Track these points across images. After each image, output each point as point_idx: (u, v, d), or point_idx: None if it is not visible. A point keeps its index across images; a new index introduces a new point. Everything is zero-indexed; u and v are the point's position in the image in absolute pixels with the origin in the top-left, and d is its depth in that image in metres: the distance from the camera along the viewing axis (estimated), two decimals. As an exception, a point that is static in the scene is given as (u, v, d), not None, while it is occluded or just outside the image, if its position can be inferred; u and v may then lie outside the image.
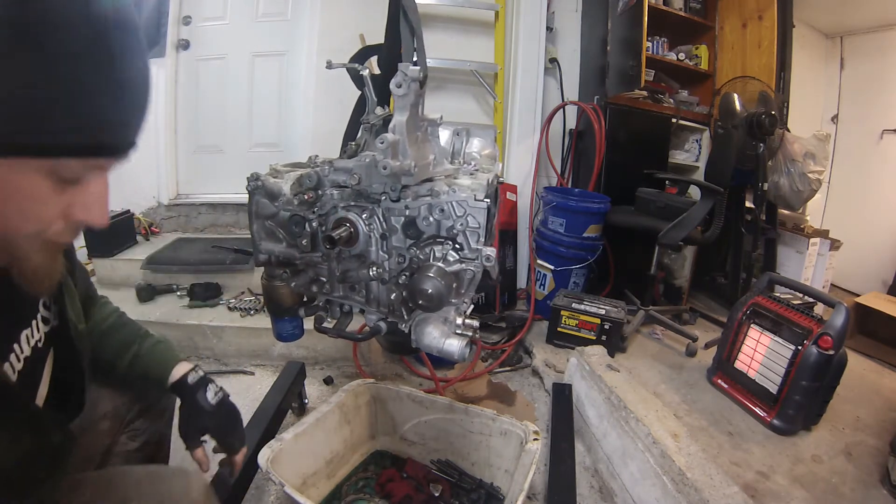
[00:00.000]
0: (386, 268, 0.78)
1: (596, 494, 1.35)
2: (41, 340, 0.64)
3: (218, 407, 0.83)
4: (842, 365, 1.36)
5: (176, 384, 0.83)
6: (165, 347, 0.87)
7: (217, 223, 2.79)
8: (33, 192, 0.43)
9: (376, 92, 1.03)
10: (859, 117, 3.07)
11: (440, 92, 2.55)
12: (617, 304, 1.95)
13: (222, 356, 1.94)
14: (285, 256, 0.85)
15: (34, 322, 0.63)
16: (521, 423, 1.23)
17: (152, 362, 0.84)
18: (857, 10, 2.85)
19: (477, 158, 0.98)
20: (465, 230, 0.74)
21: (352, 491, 1.26)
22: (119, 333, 0.86)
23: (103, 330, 0.85)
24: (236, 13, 2.64)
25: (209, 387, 0.84)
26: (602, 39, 2.41)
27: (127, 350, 0.84)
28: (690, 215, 1.96)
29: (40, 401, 0.65)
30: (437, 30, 2.50)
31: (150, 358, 0.84)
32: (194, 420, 0.81)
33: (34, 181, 0.42)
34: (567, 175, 2.62)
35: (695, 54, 2.75)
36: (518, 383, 1.89)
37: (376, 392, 1.38)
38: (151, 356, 0.85)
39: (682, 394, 1.61)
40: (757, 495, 1.15)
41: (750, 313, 1.58)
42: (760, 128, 2.09)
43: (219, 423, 0.83)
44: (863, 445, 1.39)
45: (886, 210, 2.88)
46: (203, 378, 0.84)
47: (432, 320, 0.76)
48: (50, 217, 0.46)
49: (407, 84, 0.70)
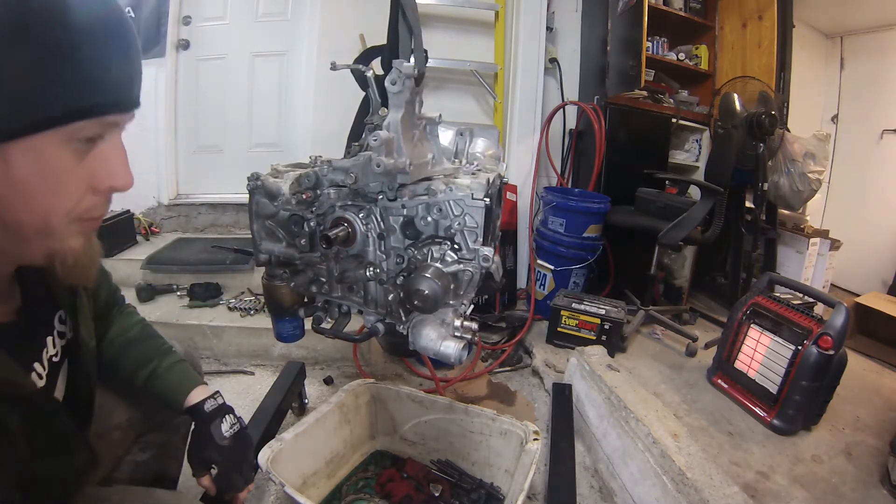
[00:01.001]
0: (384, 268, 0.78)
1: (596, 494, 1.35)
2: (57, 354, 0.64)
3: (231, 441, 0.81)
4: (842, 365, 1.35)
5: (191, 409, 0.81)
6: (185, 368, 0.85)
7: (217, 223, 2.79)
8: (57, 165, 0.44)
9: (380, 93, 1.03)
10: (859, 117, 3.07)
11: (440, 92, 2.55)
12: (617, 304, 1.95)
13: (222, 356, 1.94)
14: (285, 256, 0.85)
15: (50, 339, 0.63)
16: (521, 423, 1.22)
17: (169, 382, 0.82)
18: (857, 10, 2.85)
19: (480, 158, 0.98)
20: (463, 229, 0.74)
21: (352, 491, 1.26)
22: (140, 347, 0.84)
23: (125, 341, 0.84)
24: (236, 13, 2.64)
25: (226, 417, 0.82)
26: (602, 39, 2.41)
27: (146, 365, 0.82)
28: (690, 215, 1.96)
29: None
30: (437, 30, 2.50)
31: (167, 377, 0.83)
32: (203, 450, 0.79)
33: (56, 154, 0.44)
34: (567, 175, 2.62)
35: (695, 54, 2.75)
36: (518, 383, 1.89)
37: (376, 392, 1.38)
38: (169, 375, 0.83)
39: (682, 394, 1.61)
40: (757, 495, 1.15)
41: (750, 313, 1.58)
42: (760, 128, 2.09)
43: (227, 459, 0.81)
44: (863, 445, 1.38)
45: (886, 210, 2.88)
46: (221, 407, 0.83)
47: (429, 322, 0.76)
48: (78, 191, 0.47)
49: (401, 81, 0.70)
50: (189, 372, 0.85)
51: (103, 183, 0.48)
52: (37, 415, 0.54)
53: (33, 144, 0.42)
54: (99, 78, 0.44)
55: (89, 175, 0.47)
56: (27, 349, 0.58)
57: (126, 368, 0.82)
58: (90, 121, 0.45)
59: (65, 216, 0.47)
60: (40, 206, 0.45)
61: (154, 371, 0.82)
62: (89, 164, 0.47)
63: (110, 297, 0.85)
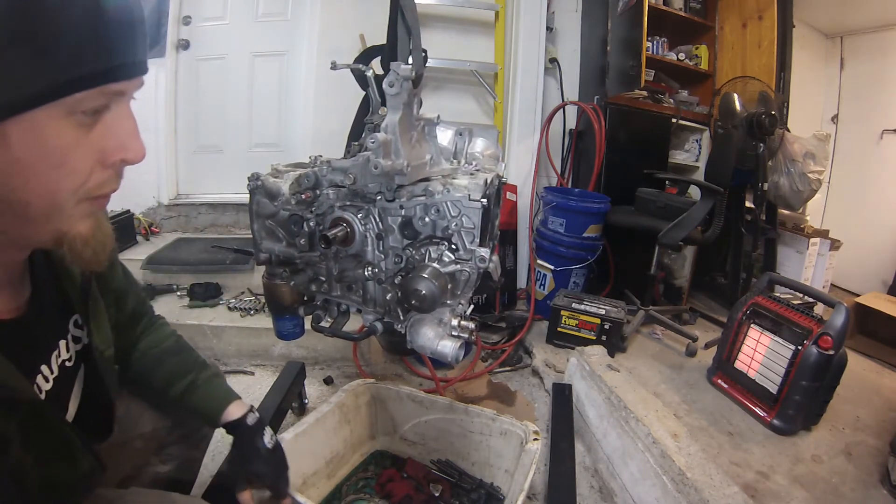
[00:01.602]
0: (382, 268, 0.78)
1: (596, 494, 1.35)
2: (71, 359, 0.63)
3: (273, 452, 0.82)
4: (842, 365, 1.35)
5: (233, 423, 0.81)
6: (222, 383, 0.85)
7: (217, 223, 2.79)
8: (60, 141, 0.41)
9: (380, 92, 1.03)
10: (859, 117, 3.07)
11: (440, 92, 2.56)
12: (617, 304, 1.95)
13: (222, 356, 1.94)
14: (285, 255, 0.85)
15: (63, 342, 0.61)
16: (521, 423, 1.22)
17: (207, 396, 0.83)
18: (857, 10, 2.85)
19: (479, 159, 0.98)
20: (460, 230, 0.74)
21: (352, 491, 1.26)
22: (174, 359, 0.84)
23: (160, 352, 0.84)
24: (236, 13, 2.64)
25: (266, 430, 0.82)
26: (602, 39, 2.41)
27: (181, 378, 0.82)
28: (690, 215, 1.96)
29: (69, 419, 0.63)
30: (437, 30, 2.50)
31: (206, 391, 0.83)
32: (250, 463, 0.80)
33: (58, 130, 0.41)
34: (567, 175, 2.62)
35: (695, 54, 2.75)
36: (518, 383, 1.89)
37: (376, 392, 1.38)
38: (207, 390, 0.83)
39: (682, 394, 1.61)
40: (757, 495, 1.15)
41: (750, 313, 1.58)
42: (760, 128, 2.09)
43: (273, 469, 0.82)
44: (863, 445, 1.38)
45: (886, 210, 2.88)
46: (261, 420, 0.83)
47: (427, 321, 0.76)
48: (86, 165, 0.44)
49: (399, 83, 0.70)
50: (226, 387, 0.85)
51: (112, 156, 0.46)
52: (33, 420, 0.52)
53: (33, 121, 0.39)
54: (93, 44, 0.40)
55: (97, 149, 0.44)
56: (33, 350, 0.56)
57: (160, 379, 0.82)
58: (90, 91, 0.41)
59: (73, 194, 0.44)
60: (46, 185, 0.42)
61: (192, 384, 0.82)
62: (96, 137, 0.44)
63: (139, 305, 0.85)
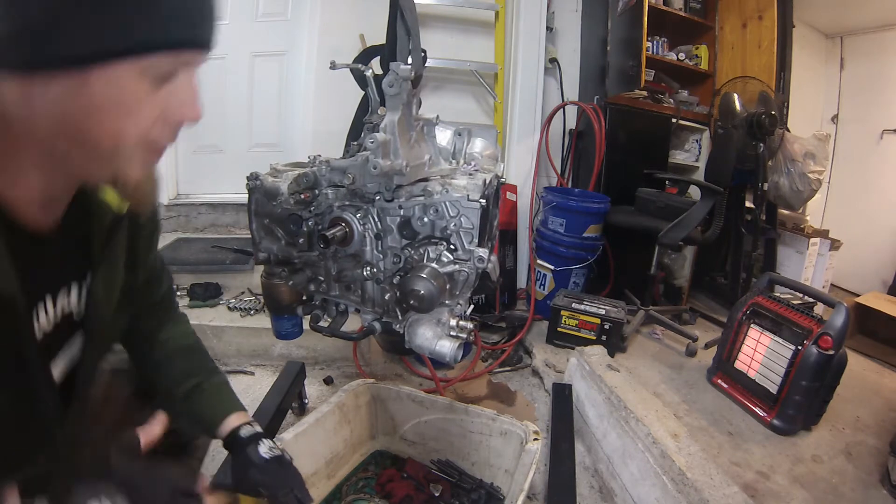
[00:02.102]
0: (381, 268, 0.78)
1: (596, 494, 1.35)
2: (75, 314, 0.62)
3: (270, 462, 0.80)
4: (842, 365, 1.35)
5: (228, 434, 0.80)
6: (229, 391, 0.85)
7: (217, 223, 2.79)
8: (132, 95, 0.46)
9: (379, 92, 1.03)
10: (859, 117, 3.07)
11: (440, 92, 2.56)
12: (617, 304, 1.95)
13: (222, 356, 1.94)
14: (284, 255, 0.85)
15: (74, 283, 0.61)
16: (521, 423, 1.22)
17: (211, 402, 0.82)
18: (857, 10, 2.85)
19: (478, 159, 0.98)
20: (459, 230, 0.74)
21: (352, 491, 1.26)
22: (187, 358, 0.84)
23: (180, 347, 0.84)
24: (236, 13, 2.64)
25: (262, 441, 0.81)
26: (602, 39, 2.41)
27: (189, 379, 0.81)
28: (690, 215, 1.96)
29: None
30: (437, 30, 2.50)
31: (210, 396, 0.82)
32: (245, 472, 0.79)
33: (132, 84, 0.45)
34: (567, 175, 2.62)
35: (695, 54, 2.74)
36: (518, 383, 1.89)
37: (376, 392, 1.38)
38: (212, 395, 0.82)
39: (682, 394, 1.61)
40: (757, 495, 1.15)
41: (750, 313, 1.58)
42: (760, 128, 2.08)
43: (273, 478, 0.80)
44: (863, 445, 1.38)
45: (886, 210, 2.88)
46: (257, 434, 0.82)
47: (425, 321, 0.76)
48: (150, 119, 0.48)
49: (398, 83, 0.70)
50: (232, 395, 0.85)
51: (175, 114, 0.50)
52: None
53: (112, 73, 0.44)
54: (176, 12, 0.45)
55: (162, 105, 0.49)
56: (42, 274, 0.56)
57: (169, 378, 0.81)
58: (165, 55, 0.46)
59: (135, 139, 0.49)
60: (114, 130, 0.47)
61: (198, 386, 0.81)
62: (162, 96, 0.48)
63: (168, 293, 0.85)
